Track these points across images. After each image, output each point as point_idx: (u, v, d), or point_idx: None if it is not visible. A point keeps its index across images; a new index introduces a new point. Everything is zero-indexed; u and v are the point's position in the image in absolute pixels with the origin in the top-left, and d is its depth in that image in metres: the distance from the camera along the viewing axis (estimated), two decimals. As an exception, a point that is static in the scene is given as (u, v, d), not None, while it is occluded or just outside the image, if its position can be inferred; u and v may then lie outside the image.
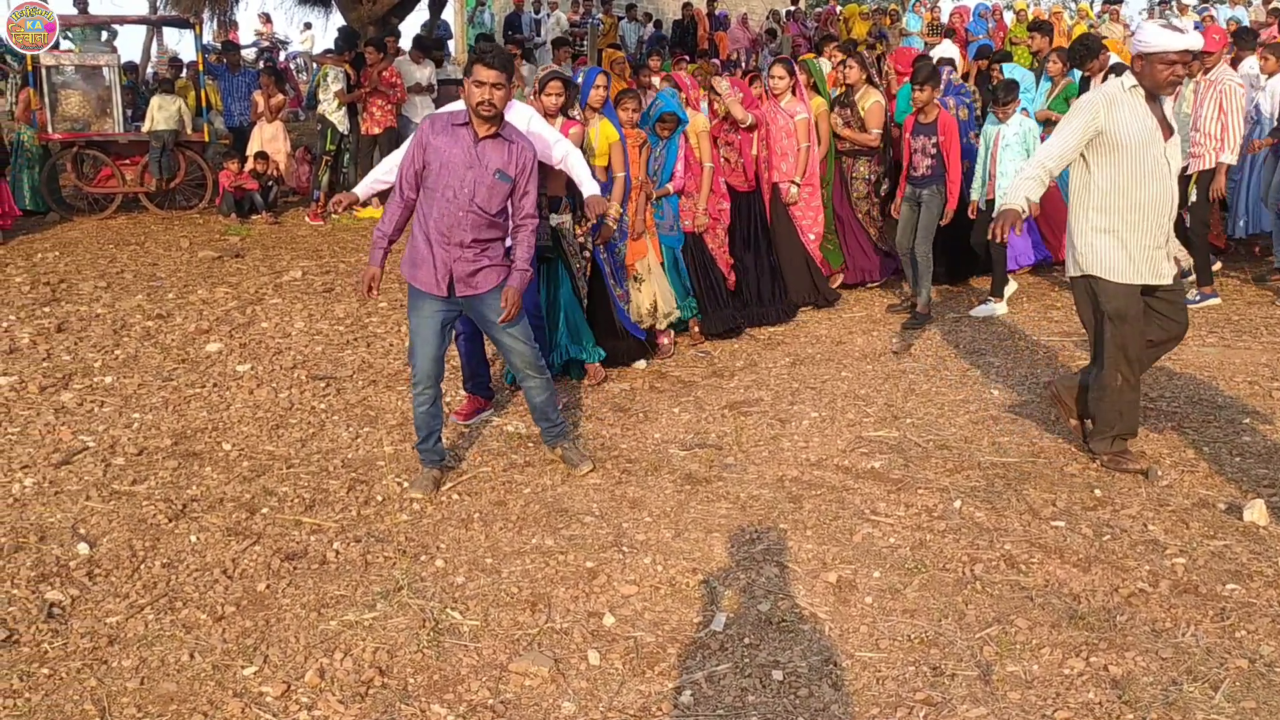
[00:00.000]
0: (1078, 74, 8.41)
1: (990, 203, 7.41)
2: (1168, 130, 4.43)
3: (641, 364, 6.38)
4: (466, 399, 5.51)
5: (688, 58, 14.42)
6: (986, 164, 7.50)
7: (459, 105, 4.76)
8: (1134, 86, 4.40)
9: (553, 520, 4.30)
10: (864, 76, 8.10)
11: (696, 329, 6.81)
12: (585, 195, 5.28)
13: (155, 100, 11.19)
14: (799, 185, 7.63)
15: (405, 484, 4.62)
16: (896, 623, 3.48)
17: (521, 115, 5.02)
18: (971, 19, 16.51)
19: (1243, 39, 8.97)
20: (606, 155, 5.96)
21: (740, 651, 3.34)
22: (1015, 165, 7.23)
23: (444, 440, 4.76)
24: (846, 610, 3.57)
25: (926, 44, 15.60)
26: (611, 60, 11.46)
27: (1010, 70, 9.20)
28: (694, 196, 6.76)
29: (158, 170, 11.11)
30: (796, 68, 7.86)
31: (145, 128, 11.15)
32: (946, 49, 11.08)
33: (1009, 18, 16.67)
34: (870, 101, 7.97)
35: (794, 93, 7.62)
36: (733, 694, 3.13)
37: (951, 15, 16.29)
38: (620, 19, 18.67)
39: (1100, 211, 4.44)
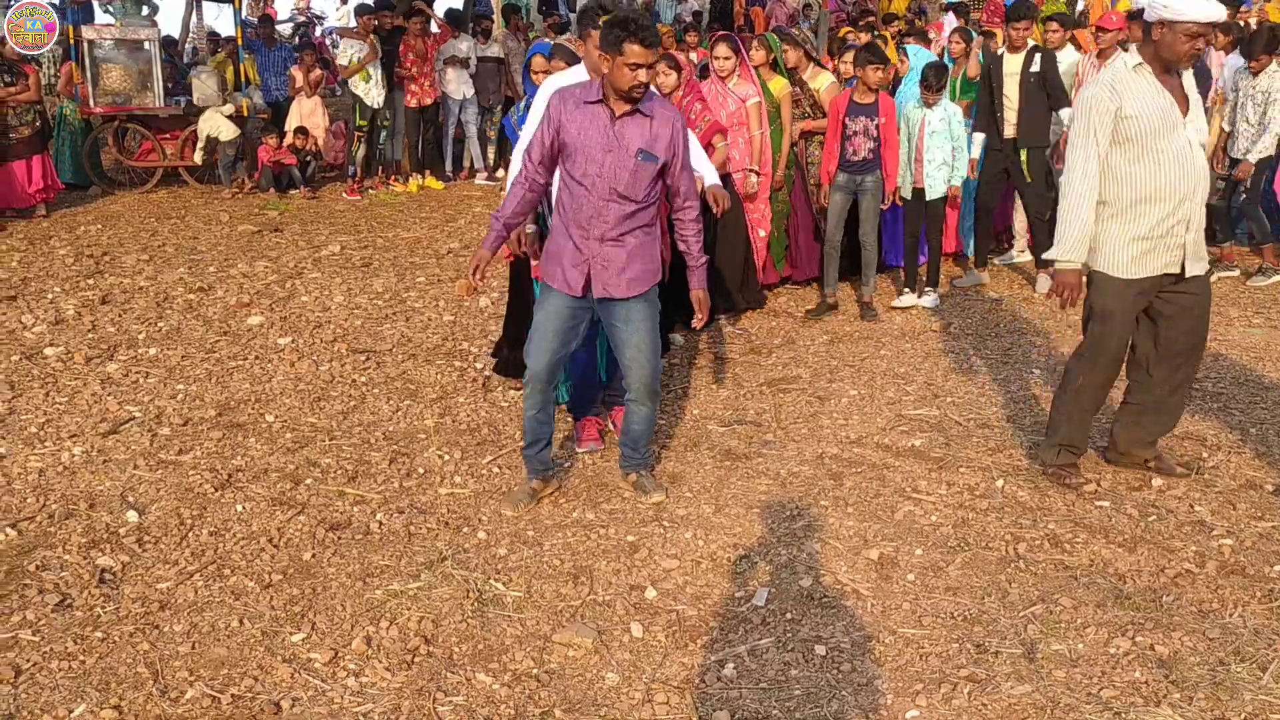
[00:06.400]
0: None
1: (918, 191, 6.92)
2: (1185, 106, 3.96)
3: (678, 339, 6.36)
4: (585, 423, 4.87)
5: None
6: (911, 152, 6.90)
7: (573, 76, 4.39)
8: (1139, 65, 3.93)
9: (593, 494, 4.32)
10: (803, 56, 7.44)
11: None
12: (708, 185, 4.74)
13: (209, 115, 11.08)
14: (758, 174, 6.82)
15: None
16: (939, 600, 3.47)
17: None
18: (1014, -8, 16.23)
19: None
20: None
21: (782, 626, 3.34)
22: (943, 153, 6.83)
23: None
24: (889, 587, 3.57)
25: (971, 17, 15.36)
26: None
27: (915, 53, 8.70)
28: None
29: (229, 175, 11.26)
30: (755, 44, 7.09)
31: (202, 134, 11.18)
32: None
33: None
34: (825, 82, 7.28)
35: (741, 73, 6.77)
36: (775, 668, 3.14)
37: (993, -11, 16.01)
38: (657, -7, 18.52)
39: (1110, 202, 4.00)
